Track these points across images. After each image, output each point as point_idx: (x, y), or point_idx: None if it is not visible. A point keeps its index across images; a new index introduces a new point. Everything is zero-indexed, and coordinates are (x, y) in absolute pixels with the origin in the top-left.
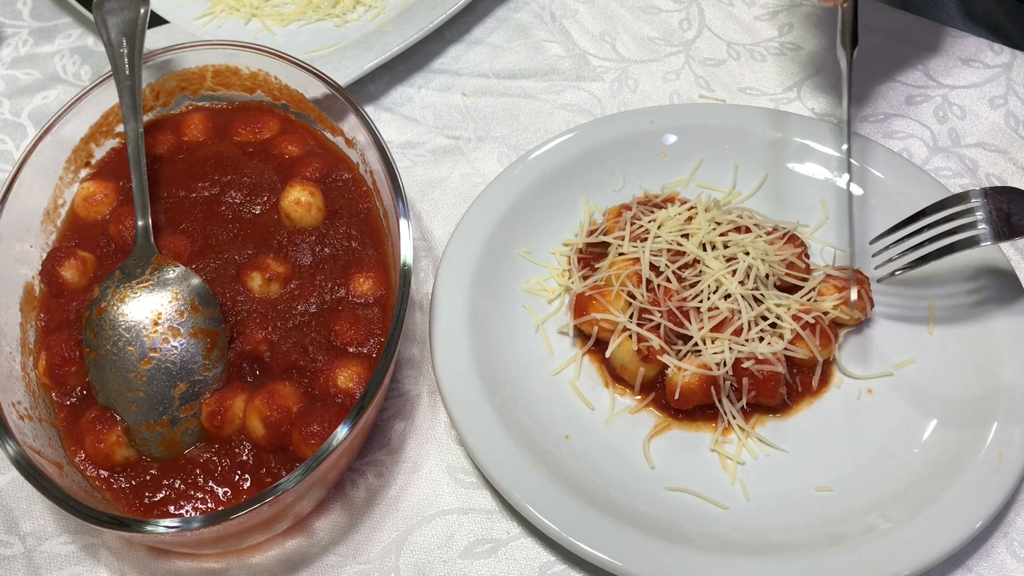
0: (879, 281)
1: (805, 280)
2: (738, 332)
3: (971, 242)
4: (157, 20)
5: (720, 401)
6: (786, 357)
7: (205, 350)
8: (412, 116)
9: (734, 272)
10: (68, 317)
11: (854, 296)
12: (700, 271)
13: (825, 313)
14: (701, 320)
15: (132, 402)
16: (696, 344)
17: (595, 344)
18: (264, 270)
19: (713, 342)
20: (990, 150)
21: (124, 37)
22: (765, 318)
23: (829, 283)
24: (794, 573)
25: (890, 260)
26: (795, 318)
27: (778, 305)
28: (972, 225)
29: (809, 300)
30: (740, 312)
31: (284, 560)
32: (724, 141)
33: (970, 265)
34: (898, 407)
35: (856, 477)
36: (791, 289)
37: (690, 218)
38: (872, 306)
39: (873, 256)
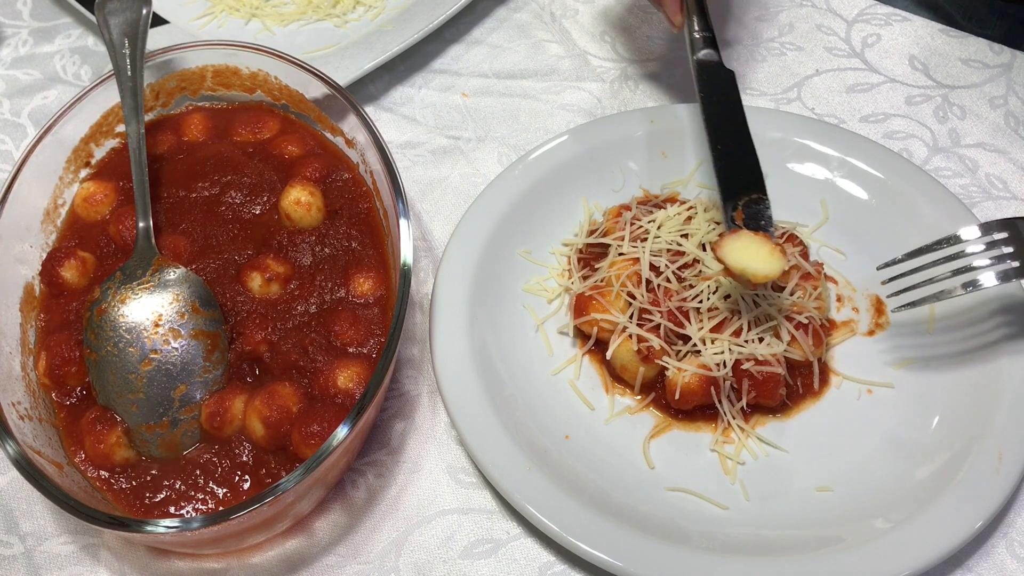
0: (893, 311)
1: (805, 280)
2: (737, 333)
3: (1006, 276)
4: (157, 20)
5: (720, 402)
6: (784, 358)
7: (206, 352)
8: (412, 116)
9: None
10: (68, 317)
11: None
12: (700, 271)
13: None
14: (701, 320)
15: (132, 403)
16: (696, 344)
17: (595, 344)
18: (264, 270)
19: (713, 343)
20: (990, 150)
21: (126, 37)
22: (764, 319)
23: (804, 285)
24: (794, 573)
25: (906, 289)
26: (787, 318)
27: (772, 305)
28: (999, 259)
29: (796, 298)
30: (740, 312)
31: (284, 560)
32: None
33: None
34: (898, 407)
35: (856, 477)
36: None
37: (689, 218)
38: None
39: (883, 283)
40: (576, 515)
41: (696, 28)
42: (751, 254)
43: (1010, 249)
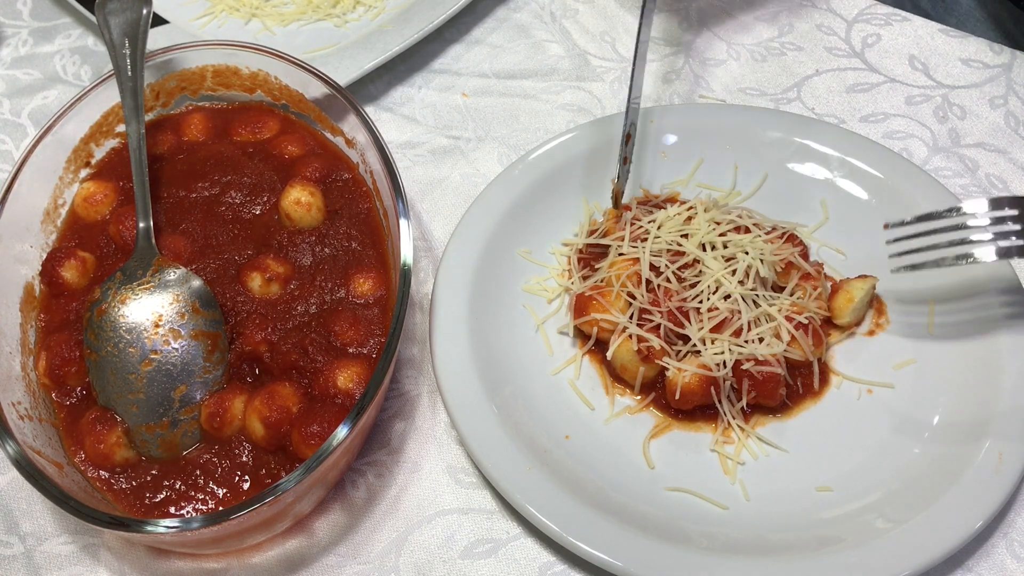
0: (893, 271)
1: (805, 280)
2: (737, 333)
3: (1013, 252)
4: (157, 20)
5: (720, 402)
6: (784, 358)
7: (206, 352)
8: (412, 116)
9: (734, 272)
10: (68, 317)
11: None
12: (700, 271)
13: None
14: (701, 320)
15: (132, 404)
16: (696, 344)
17: (595, 344)
18: (264, 270)
19: (713, 343)
20: (990, 150)
21: (126, 37)
22: (764, 319)
23: (804, 285)
24: (794, 573)
25: (909, 252)
26: (787, 319)
27: (771, 305)
28: (1004, 235)
29: (795, 298)
30: (740, 312)
31: (284, 560)
32: (724, 141)
33: (970, 265)
34: (898, 407)
35: (856, 477)
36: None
37: (689, 218)
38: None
39: (888, 243)
40: (576, 515)
41: None
42: (858, 302)
43: (1017, 227)
